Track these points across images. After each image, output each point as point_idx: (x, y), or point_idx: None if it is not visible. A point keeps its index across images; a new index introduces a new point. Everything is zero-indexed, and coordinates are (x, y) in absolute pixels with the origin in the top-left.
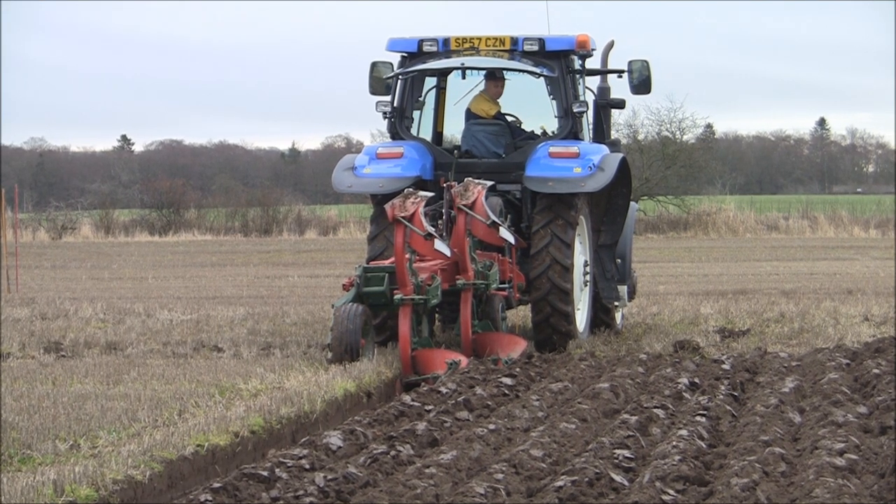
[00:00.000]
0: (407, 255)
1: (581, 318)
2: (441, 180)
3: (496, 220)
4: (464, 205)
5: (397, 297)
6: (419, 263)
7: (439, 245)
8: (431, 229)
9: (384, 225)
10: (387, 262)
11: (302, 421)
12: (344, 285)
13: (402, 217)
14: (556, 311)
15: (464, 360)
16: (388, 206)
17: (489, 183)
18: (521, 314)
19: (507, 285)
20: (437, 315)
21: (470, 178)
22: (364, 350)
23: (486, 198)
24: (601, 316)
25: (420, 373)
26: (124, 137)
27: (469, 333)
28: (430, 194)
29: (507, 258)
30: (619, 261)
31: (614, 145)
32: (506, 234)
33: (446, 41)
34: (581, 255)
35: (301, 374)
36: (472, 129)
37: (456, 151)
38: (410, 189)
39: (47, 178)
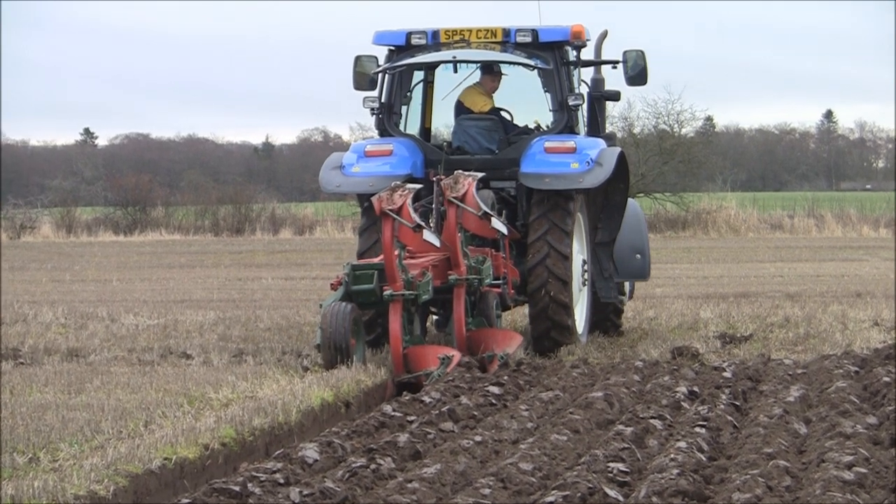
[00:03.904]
0: (396, 252)
1: (580, 319)
2: (430, 173)
3: (487, 210)
4: (454, 197)
5: (387, 293)
6: (410, 260)
7: (428, 235)
8: (420, 221)
9: (375, 217)
10: (376, 260)
11: (276, 432)
12: (332, 284)
13: (390, 210)
14: (555, 325)
15: (456, 356)
16: (374, 200)
17: (480, 174)
18: (519, 314)
19: (501, 281)
20: (433, 316)
21: (460, 171)
22: (354, 351)
23: (478, 189)
24: (611, 317)
25: (412, 370)
26: (87, 131)
27: (463, 330)
28: (418, 186)
29: (500, 253)
30: (638, 256)
31: (609, 139)
32: (498, 224)
33: (435, 34)
34: (579, 254)
35: (275, 382)
36: (464, 125)
37: (447, 146)
38: (398, 182)
39: (5, 174)
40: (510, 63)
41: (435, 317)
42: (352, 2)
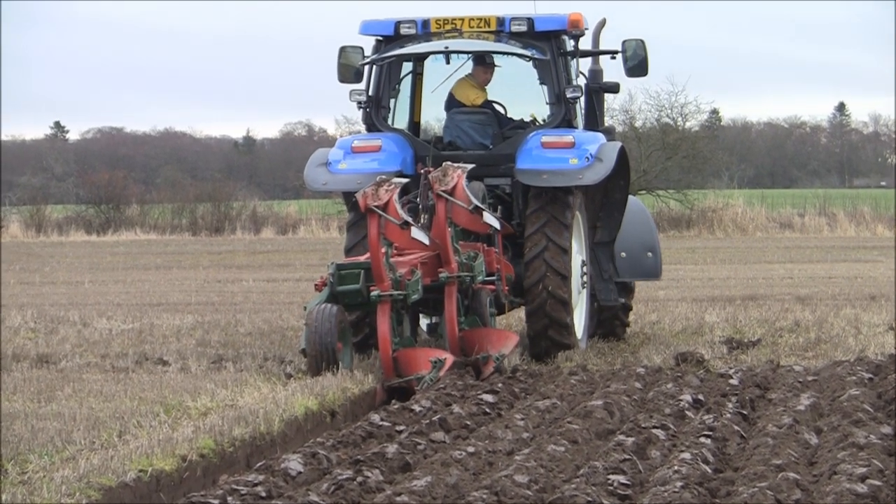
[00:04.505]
0: (383, 250)
1: (579, 324)
2: (418, 166)
3: (479, 204)
4: (443, 191)
5: (374, 293)
6: (398, 258)
7: (416, 233)
8: (408, 217)
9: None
10: (362, 259)
11: (257, 443)
12: (316, 285)
13: (376, 206)
14: (554, 323)
15: (449, 359)
16: (359, 196)
17: (469, 166)
18: (514, 318)
19: (494, 278)
20: (424, 321)
21: (448, 163)
22: (341, 355)
23: (468, 182)
24: (620, 316)
25: (403, 375)
26: (58, 124)
27: (455, 331)
28: (405, 180)
29: (493, 248)
30: (649, 254)
31: (608, 133)
32: (490, 218)
33: (425, 22)
34: (578, 254)
35: (256, 390)
36: (456, 119)
37: (434, 138)
38: (383, 176)
39: None
40: (505, 54)
41: (425, 322)
42: None
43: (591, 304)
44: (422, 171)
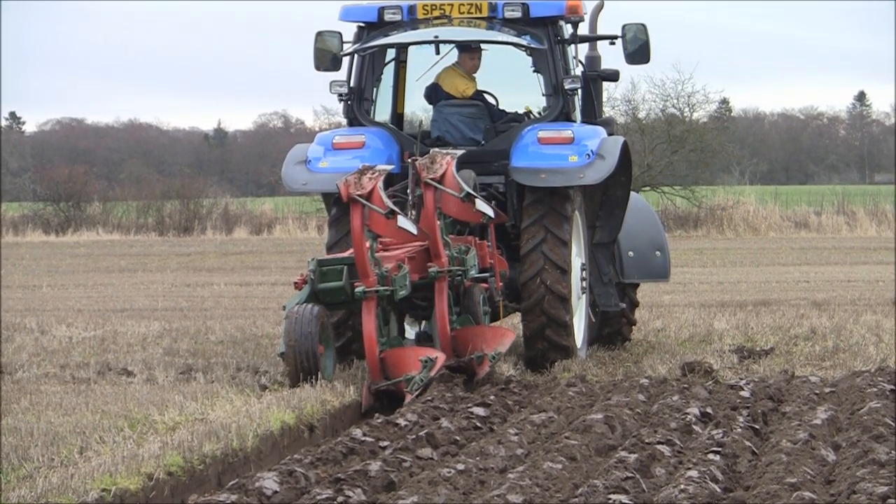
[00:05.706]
0: (367, 243)
1: (578, 331)
2: (405, 155)
3: (470, 191)
4: (431, 179)
5: (359, 289)
6: (383, 253)
7: (403, 222)
8: (393, 206)
9: (348, 206)
10: (345, 254)
11: (230, 460)
12: (296, 283)
13: (359, 195)
14: (552, 321)
15: (441, 358)
16: (341, 184)
17: (459, 152)
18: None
19: (487, 275)
20: (414, 328)
21: (437, 150)
22: (323, 360)
23: (458, 169)
24: (627, 314)
25: (391, 376)
26: (13, 115)
27: (447, 329)
28: (391, 167)
29: (485, 242)
30: (658, 253)
31: (607, 125)
32: (483, 206)
33: (411, 8)
34: (577, 256)
35: (229, 402)
36: (444, 112)
37: (420, 133)
38: (367, 164)
39: None
40: (500, 43)
41: (413, 332)
42: None
43: (594, 310)
44: (408, 160)
